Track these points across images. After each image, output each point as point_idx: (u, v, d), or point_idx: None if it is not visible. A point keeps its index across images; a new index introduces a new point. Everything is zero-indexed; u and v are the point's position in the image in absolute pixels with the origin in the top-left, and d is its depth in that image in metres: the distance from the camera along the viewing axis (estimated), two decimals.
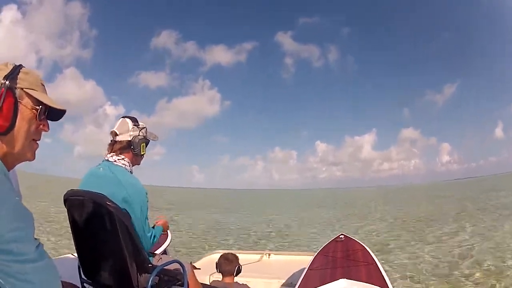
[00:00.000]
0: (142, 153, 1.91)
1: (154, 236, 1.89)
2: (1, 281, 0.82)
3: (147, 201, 1.83)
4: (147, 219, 1.83)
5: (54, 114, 1.04)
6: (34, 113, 0.96)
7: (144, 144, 1.93)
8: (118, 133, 1.89)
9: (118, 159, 1.84)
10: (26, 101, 0.95)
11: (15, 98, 0.91)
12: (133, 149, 1.87)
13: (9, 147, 0.93)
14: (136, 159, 1.93)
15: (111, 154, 1.87)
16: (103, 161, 1.89)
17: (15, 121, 0.91)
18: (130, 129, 1.88)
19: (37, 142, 1.00)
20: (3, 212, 0.81)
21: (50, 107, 1.01)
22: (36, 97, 0.97)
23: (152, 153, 2.12)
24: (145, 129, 1.95)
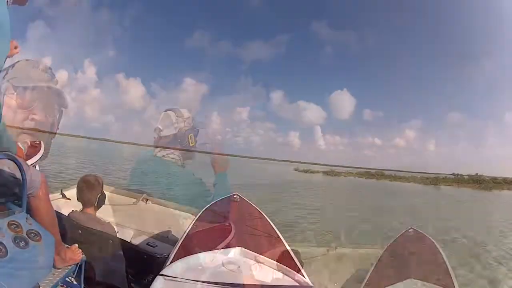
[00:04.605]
0: (191, 144, 1.80)
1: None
2: None
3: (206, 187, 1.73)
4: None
5: None
6: None
7: (192, 134, 1.81)
8: (161, 128, 1.79)
9: (168, 154, 1.76)
10: None
11: None
12: (180, 143, 1.77)
13: None
14: (186, 152, 1.84)
15: (159, 149, 1.78)
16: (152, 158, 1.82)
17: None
18: (174, 122, 1.78)
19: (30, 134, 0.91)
20: None
21: None
22: None
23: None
24: (190, 118, 1.83)
